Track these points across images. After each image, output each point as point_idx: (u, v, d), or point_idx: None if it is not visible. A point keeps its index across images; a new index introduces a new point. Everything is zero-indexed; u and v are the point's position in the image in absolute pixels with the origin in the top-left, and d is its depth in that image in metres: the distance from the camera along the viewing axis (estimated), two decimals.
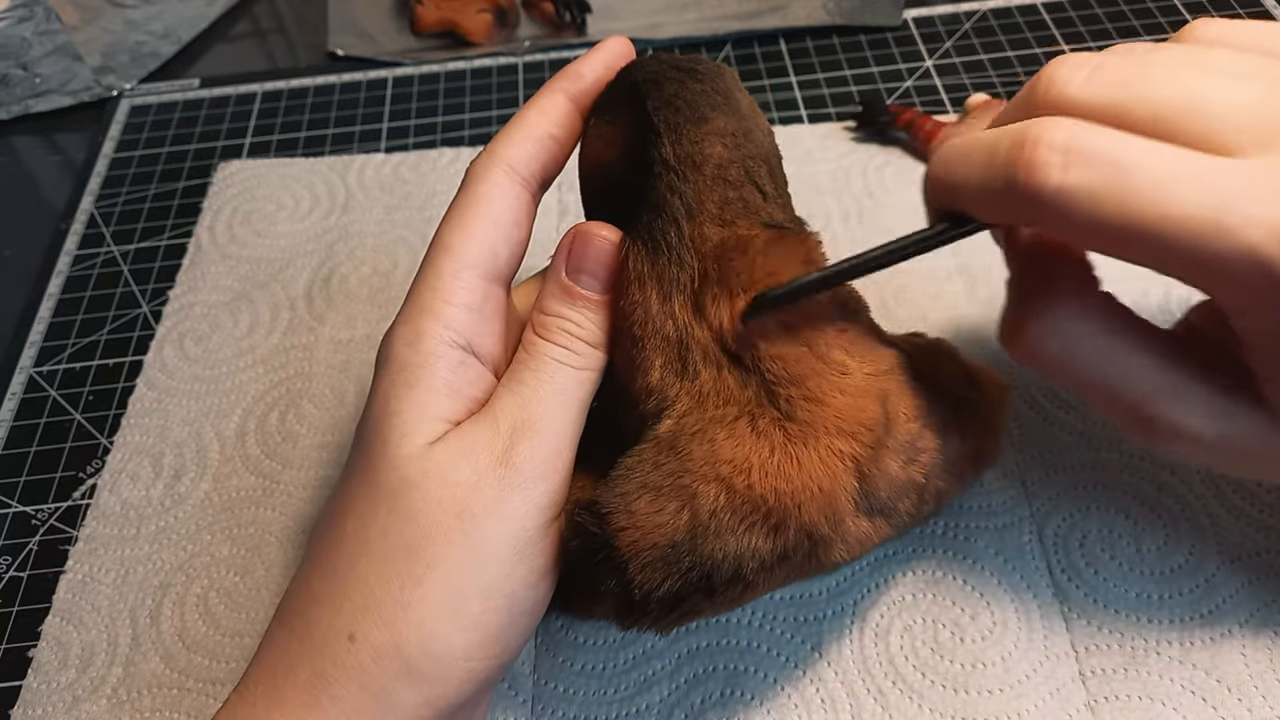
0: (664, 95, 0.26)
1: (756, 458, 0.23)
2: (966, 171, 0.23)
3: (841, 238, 0.42)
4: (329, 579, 0.24)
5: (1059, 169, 0.21)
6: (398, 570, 0.23)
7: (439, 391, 0.25)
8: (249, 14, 0.61)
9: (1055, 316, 0.24)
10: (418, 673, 0.23)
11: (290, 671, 0.23)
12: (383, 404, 0.25)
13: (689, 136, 0.26)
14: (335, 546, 0.24)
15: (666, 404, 0.25)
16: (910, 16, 0.54)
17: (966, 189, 0.24)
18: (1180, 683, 0.29)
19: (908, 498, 0.26)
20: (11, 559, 0.36)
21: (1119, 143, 0.21)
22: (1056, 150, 0.21)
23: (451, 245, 0.26)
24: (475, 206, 0.27)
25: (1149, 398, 0.24)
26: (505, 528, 0.24)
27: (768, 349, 0.25)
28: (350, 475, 0.25)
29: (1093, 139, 0.21)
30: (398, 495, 0.24)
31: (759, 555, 0.23)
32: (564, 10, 0.55)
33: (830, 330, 0.26)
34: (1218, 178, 0.20)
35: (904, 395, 0.26)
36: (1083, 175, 0.21)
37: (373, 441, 0.25)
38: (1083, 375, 0.24)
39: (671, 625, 0.24)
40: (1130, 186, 0.20)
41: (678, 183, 0.26)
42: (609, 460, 0.24)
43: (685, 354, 0.25)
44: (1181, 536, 0.32)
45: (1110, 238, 0.21)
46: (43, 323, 0.44)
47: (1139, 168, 0.20)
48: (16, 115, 0.55)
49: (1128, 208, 0.20)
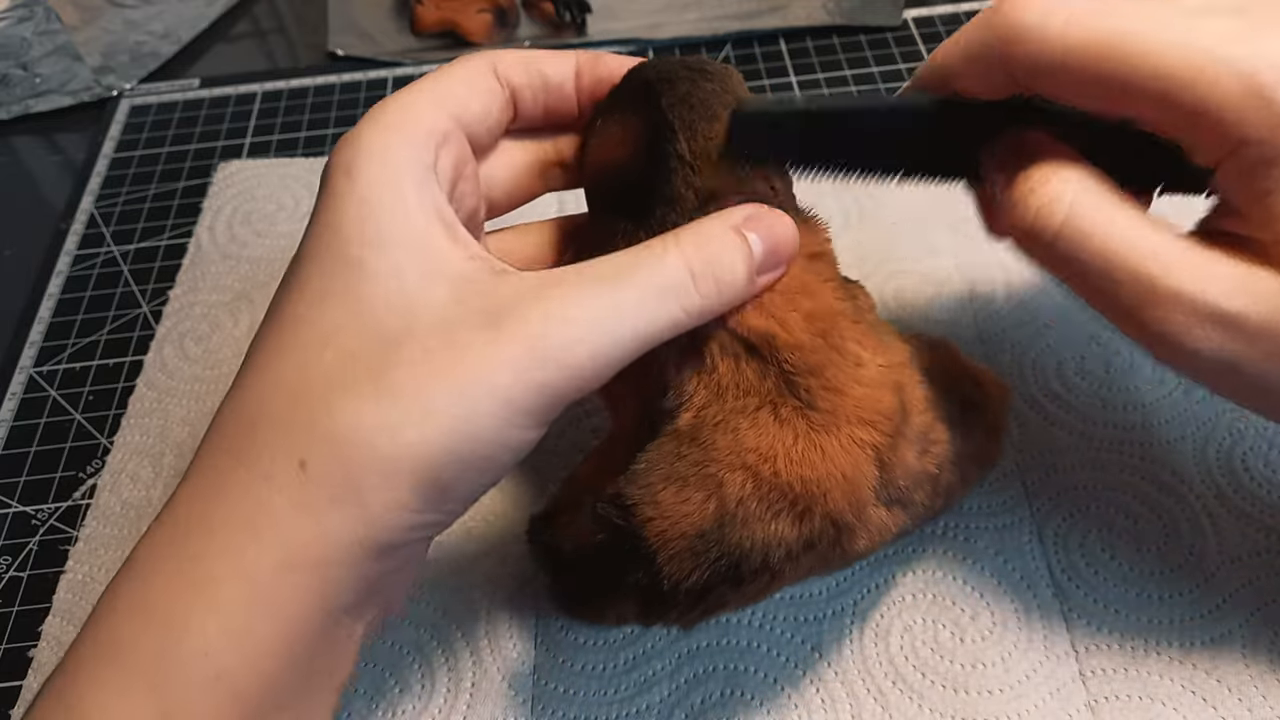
0: (678, 93, 0.27)
1: (781, 446, 0.24)
2: (954, 44, 0.25)
3: (842, 238, 0.42)
4: (283, 399, 0.22)
5: (1046, 7, 0.22)
6: (374, 414, 0.22)
7: (424, 210, 0.23)
8: (249, 14, 0.61)
9: (1062, 180, 0.23)
10: (367, 514, 0.21)
11: (224, 494, 0.22)
12: (355, 227, 0.23)
13: (703, 133, 0.26)
14: (295, 369, 0.22)
15: (684, 398, 0.25)
16: (910, 16, 0.54)
17: (954, 58, 0.25)
18: (1180, 683, 0.29)
19: (923, 488, 0.26)
20: (11, 559, 0.36)
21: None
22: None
23: (420, 84, 0.26)
24: (450, 68, 0.27)
25: (1166, 269, 0.22)
26: (507, 415, 0.22)
27: (785, 341, 0.25)
28: (317, 299, 0.23)
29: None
30: (386, 334, 0.22)
31: (785, 543, 0.23)
32: (564, 10, 0.55)
33: (843, 323, 0.26)
34: (1182, 20, 0.21)
35: (915, 388, 0.26)
36: (1071, 15, 0.22)
37: (349, 268, 0.23)
38: (1092, 249, 0.23)
39: (696, 620, 0.25)
40: (1110, 8, 0.21)
41: (693, 176, 0.26)
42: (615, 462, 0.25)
43: (702, 346, 0.25)
44: (1181, 536, 0.32)
45: (1094, 69, 0.22)
46: (43, 323, 0.44)
47: (1125, 12, 0.22)
48: (16, 115, 0.55)
49: (1107, 28, 0.21)
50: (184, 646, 0.21)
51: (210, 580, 0.21)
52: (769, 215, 0.25)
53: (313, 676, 0.23)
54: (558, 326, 0.22)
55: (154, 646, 0.21)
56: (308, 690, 0.23)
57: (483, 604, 0.33)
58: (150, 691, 0.21)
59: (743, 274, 0.24)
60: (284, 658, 0.22)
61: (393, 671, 0.31)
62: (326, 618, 0.22)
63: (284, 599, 0.21)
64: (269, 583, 0.21)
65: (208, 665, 0.21)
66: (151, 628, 0.21)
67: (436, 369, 0.22)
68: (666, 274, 0.23)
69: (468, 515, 0.34)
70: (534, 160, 0.31)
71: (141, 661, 0.21)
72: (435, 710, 0.30)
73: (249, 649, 0.21)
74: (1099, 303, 0.24)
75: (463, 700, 0.31)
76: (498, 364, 0.22)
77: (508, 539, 0.34)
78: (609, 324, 0.23)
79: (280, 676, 0.22)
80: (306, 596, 0.21)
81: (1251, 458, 0.33)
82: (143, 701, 0.20)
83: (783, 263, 0.25)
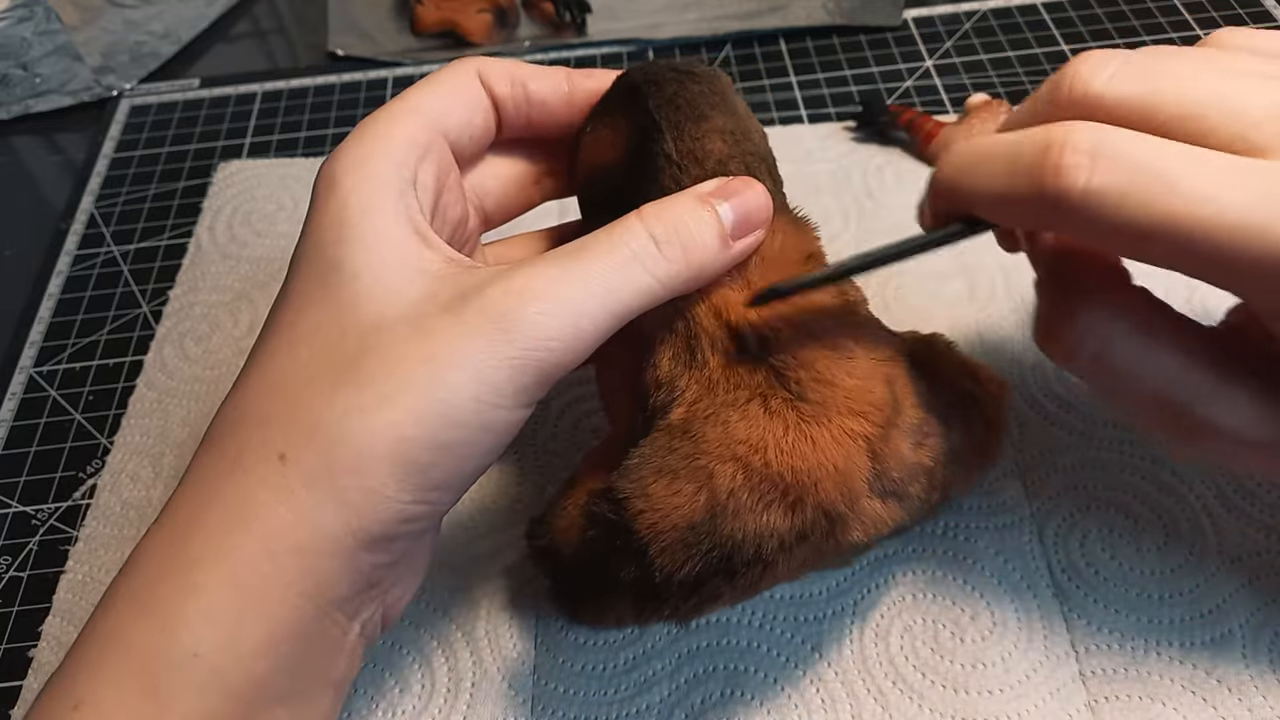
0: (665, 94, 0.27)
1: (771, 436, 0.24)
2: (986, 175, 0.23)
3: (842, 238, 0.42)
4: (267, 399, 0.23)
5: (1086, 171, 0.20)
6: (346, 398, 0.22)
7: (399, 216, 0.24)
8: (249, 14, 0.61)
9: (1091, 315, 0.24)
10: (349, 504, 0.22)
11: (215, 492, 0.22)
12: (334, 232, 0.24)
13: (690, 133, 0.26)
14: (278, 370, 0.23)
15: (676, 394, 0.25)
16: (910, 16, 0.54)
17: (986, 193, 0.23)
18: (1180, 683, 0.29)
19: (919, 481, 0.26)
20: (11, 559, 0.36)
21: (1148, 144, 0.21)
22: (1083, 153, 0.21)
23: (404, 96, 0.27)
24: (434, 78, 0.27)
25: (1192, 396, 0.23)
26: (477, 392, 0.22)
27: (776, 336, 0.25)
28: (302, 304, 0.24)
29: (1121, 140, 0.21)
30: (362, 327, 0.23)
31: (778, 534, 0.23)
32: (564, 10, 0.55)
33: (834, 318, 0.26)
34: (1253, 177, 0.20)
35: (907, 382, 0.26)
36: (1111, 177, 0.20)
37: (328, 269, 0.24)
38: (1123, 375, 0.24)
39: (690, 614, 0.24)
40: (1161, 188, 0.20)
41: (680, 175, 0.26)
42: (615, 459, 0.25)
43: (693, 343, 0.25)
44: (1181, 536, 0.32)
45: (1139, 240, 0.21)
46: (43, 323, 0.44)
47: (1170, 169, 0.20)
48: (16, 115, 0.55)
49: (1156, 209, 0.20)
50: (176, 646, 0.21)
51: (200, 575, 0.22)
52: (737, 183, 0.26)
53: (307, 673, 0.23)
54: (519, 300, 0.22)
55: (148, 645, 0.21)
56: (303, 687, 0.23)
57: (483, 604, 0.33)
58: (144, 692, 0.21)
59: (711, 239, 0.24)
60: (273, 656, 0.22)
61: (393, 671, 0.31)
62: (316, 609, 0.22)
63: (267, 587, 0.22)
64: (253, 573, 0.21)
65: (200, 665, 0.21)
66: (146, 625, 0.21)
67: (405, 354, 0.22)
68: (629, 242, 0.24)
69: (467, 515, 0.34)
70: (524, 171, 0.31)
71: (136, 659, 0.21)
72: (435, 710, 0.30)
73: (239, 648, 0.21)
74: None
75: (463, 700, 0.31)
76: (463, 342, 0.22)
77: (508, 539, 0.34)
78: (574, 296, 0.23)
79: (271, 674, 0.22)
80: (291, 584, 0.22)
81: None
82: (137, 700, 0.21)
83: (756, 227, 0.26)
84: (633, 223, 0.24)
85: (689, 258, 0.24)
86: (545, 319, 0.22)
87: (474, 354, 0.22)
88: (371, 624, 0.25)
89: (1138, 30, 0.51)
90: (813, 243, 0.27)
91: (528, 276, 0.23)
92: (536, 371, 0.23)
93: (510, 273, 0.23)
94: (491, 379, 0.22)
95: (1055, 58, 0.50)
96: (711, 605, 0.24)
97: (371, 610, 0.25)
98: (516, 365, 0.22)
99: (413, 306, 0.23)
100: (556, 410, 0.37)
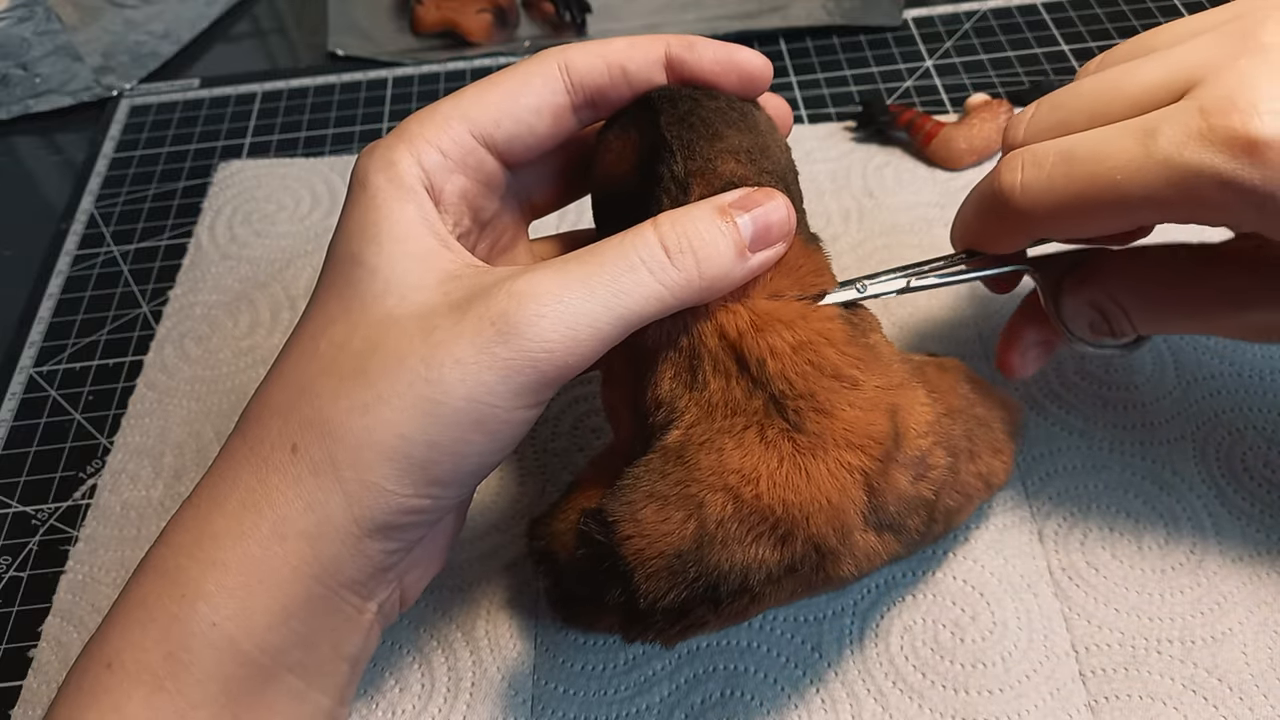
0: (678, 112, 0.26)
1: (765, 468, 0.23)
2: (967, 209, 0.29)
3: (841, 238, 0.42)
4: (286, 391, 0.24)
5: (1017, 172, 0.26)
6: (349, 394, 0.23)
7: (422, 220, 0.25)
8: (249, 14, 0.61)
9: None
10: (351, 495, 0.23)
11: (236, 477, 0.24)
12: (359, 227, 0.25)
13: (702, 153, 0.26)
14: (298, 362, 0.25)
15: (675, 415, 0.25)
16: (910, 16, 0.54)
17: (971, 221, 0.29)
18: (1181, 682, 0.29)
19: (917, 514, 0.25)
20: (11, 559, 0.36)
21: (1058, 140, 0.26)
22: (1015, 162, 0.26)
23: (462, 95, 0.27)
24: (504, 77, 0.27)
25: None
26: (469, 391, 0.23)
27: (779, 361, 0.25)
28: (326, 296, 0.25)
29: (1040, 145, 0.26)
30: (371, 322, 0.24)
31: (766, 566, 0.23)
32: (564, 10, 0.55)
33: (838, 347, 0.25)
34: (1140, 124, 0.24)
35: (914, 411, 0.25)
36: (1035, 170, 0.25)
37: (350, 264, 0.25)
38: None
39: (676, 639, 0.24)
40: (1070, 164, 0.25)
41: (683, 198, 0.26)
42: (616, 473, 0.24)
43: (696, 364, 0.25)
44: (1181, 536, 0.32)
45: (1082, 211, 0.25)
46: (43, 323, 0.44)
47: (1073, 148, 0.25)
48: (16, 115, 0.55)
49: (1075, 179, 0.25)
50: (195, 615, 0.23)
51: (219, 552, 0.23)
52: (760, 194, 0.25)
53: (319, 647, 0.24)
54: (519, 302, 0.23)
55: (170, 612, 0.23)
56: (316, 659, 0.24)
57: (483, 604, 0.33)
58: (166, 654, 0.23)
59: (726, 250, 0.24)
60: (284, 629, 0.23)
61: (393, 671, 0.31)
62: (325, 590, 0.24)
63: (278, 566, 0.23)
64: (265, 553, 0.23)
65: (216, 633, 0.23)
66: (169, 594, 0.23)
67: (407, 352, 0.23)
68: (639, 248, 0.24)
69: (468, 515, 0.34)
70: (570, 165, 0.31)
71: (160, 624, 0.23)
72: (435, 710, 0.30)
73: (252, 620, 0.23)
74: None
75: (463, 700, 0.31)
76: (461, 342, 0.23)
77: (508, 539, 0.34)
78: (577, 299, 0.23)
79: (284, 645, 0.23)
80: (300, 565, 0.23)
81: (1251, 458, 0.33)
82: (160, 661, 0.23)
83: (777, 240, 0.25)
84: (646, 230, 0.24)
85: (702, 268, 0.24)
86: (543, 321, 0.22)
87: (468, 353, 0.22)
88: (389, 604, 0.26)
89: (1138, 30, 0.51)
90: (822, 270, 0.27)
91: (531, 278, 0.23)
92: (534, 373, 0.23)
93: (517, 274, 0.23)
94: (485, 379, 0.22)
95: (1055, 58, 0.50)
96: (697, 631, 0.24)
97: (388, 592, 0.26)
98: (512, 366, 0.22)
99: (424, 305, 0.24)
100: (556, 410, 0.37)
